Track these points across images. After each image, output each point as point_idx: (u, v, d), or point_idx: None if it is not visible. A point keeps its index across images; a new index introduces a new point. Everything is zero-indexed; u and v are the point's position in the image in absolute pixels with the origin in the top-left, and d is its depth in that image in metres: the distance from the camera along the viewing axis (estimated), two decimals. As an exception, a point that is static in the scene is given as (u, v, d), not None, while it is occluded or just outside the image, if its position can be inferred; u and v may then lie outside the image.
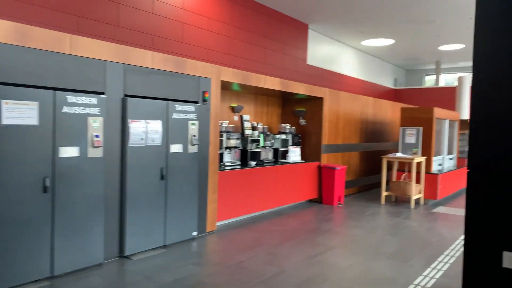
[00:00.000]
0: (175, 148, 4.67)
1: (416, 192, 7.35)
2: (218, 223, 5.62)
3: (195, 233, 4.98)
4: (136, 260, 4.18)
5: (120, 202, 4.19)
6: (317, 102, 7.40)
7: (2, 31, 3.25)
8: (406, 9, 10.32)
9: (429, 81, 20.38)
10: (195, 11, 8.31)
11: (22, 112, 3.36)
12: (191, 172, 4.87)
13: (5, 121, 3.26)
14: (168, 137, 4.58)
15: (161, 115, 4.50)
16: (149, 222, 4.43)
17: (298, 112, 7.51)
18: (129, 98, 4.18)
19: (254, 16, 9.97)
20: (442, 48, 14.68)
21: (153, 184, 4.45)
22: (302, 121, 7.48)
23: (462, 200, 8.12)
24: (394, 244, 4.96)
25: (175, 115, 4.64)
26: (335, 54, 14.22)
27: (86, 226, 3.83)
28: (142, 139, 4.31)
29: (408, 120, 7.83)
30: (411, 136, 7.65)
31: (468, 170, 2.15)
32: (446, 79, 19.98)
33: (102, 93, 3.98)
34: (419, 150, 7.54)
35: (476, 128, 2.13)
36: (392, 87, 18.77)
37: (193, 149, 4.88)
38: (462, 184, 9.15)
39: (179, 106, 4.69)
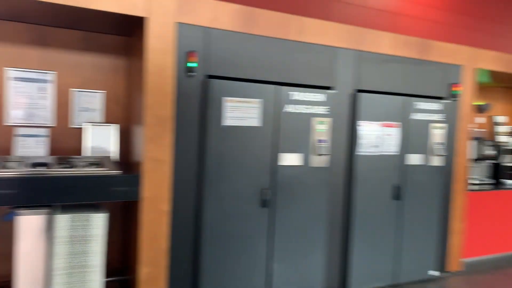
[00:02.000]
0: (414, 159, 3.55)
1: None
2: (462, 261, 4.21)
3: (433, 273, 3.74)
4: (362, 301, 3.27)
5: (343, 224, 3.33)
6: None
7: (228, 16, 2.77)
8: None
9: None
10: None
11: (244, 112, 2.83)
12: (432, 191, 3.66)
13: (227, 122, 2.78)
14: (405, 144, 3.49)
15: (398, 115, 3.45)
16: (377, 252, 3.44)
17: None
18: (361, 94, 3.27)
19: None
20: None
21: (384, 205, 3.44)
22: None
23: None
24: None
25: (413, 116, 3.52)
26: None
27: (305, 247, 3.11)
28: (375, 146, 3.35)
29: None
30: None
31: None
32: None
33: (329, 88, 3.20)
34: None
35: None
36: None
37: (436, 161, 3.66)
38: None
39: (419, 104, 3.54)
